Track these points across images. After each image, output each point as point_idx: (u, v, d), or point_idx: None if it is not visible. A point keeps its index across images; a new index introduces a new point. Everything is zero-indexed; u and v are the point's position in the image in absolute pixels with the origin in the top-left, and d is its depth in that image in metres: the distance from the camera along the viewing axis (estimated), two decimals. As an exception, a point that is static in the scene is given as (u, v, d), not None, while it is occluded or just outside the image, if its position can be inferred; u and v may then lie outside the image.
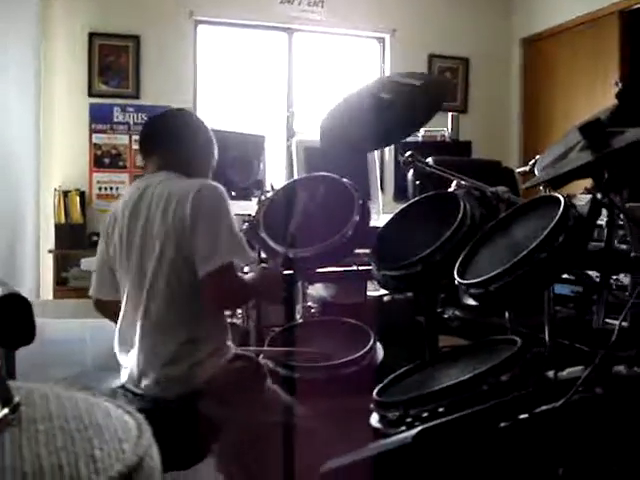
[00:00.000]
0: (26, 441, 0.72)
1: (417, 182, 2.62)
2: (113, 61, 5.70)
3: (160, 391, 1.94)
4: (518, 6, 6.68)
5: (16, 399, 0.79)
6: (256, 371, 2.11)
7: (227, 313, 2.53)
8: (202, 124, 2.23)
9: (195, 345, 1.97)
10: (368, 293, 3.36)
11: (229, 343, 2.09)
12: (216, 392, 1.95)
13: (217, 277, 1.91)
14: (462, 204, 2.11)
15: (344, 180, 2.47)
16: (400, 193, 4.53)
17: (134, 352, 2.01)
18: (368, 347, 2.27)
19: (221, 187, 2.03)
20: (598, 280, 1.96)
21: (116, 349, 2.09)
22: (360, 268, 2.71)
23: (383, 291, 3.15)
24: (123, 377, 2.05)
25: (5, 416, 0.76)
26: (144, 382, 1.97)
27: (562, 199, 1.75)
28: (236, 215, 2.07)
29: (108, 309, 2.22)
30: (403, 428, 1.59)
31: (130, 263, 2.04)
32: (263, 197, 2.70)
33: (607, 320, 1.88)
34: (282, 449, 1.96)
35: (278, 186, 2.71)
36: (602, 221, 2.02)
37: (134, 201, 2.07)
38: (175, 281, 1.97)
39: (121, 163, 5.68)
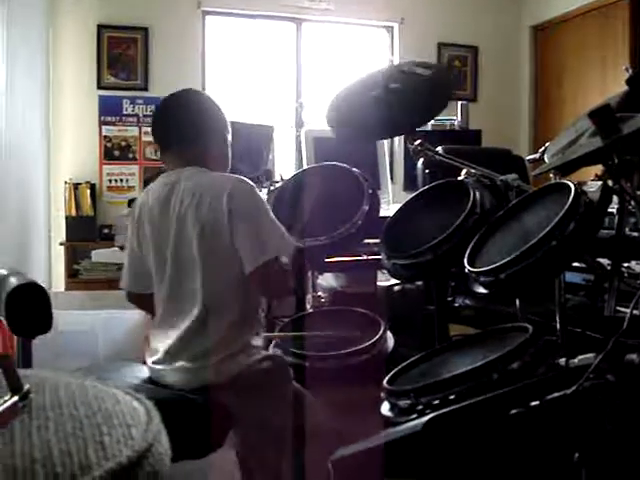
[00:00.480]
0: (36, 428, 0.73)
1: (427, 171, 2.63)
2: (122, 53, 5.70)
3: (187, 383, 1.95)
4: (527, -7, 6.64)
5: (26, 387, 0.79)
6: (283, 373, 2.10)
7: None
8: (215, 105, 2.19)
9: (226, 340, 1.97)
10: (378, 282, 3.37)
11: (259, 341, 2.09)
12: (240, 388, 1.95)
13: (265, 271, 1.93)
14: (472, 192, 2.11)
15: (354, 170, 2.46)
16: (410, 182, 4.53)
17: (166, 344, 2.02)
18: (378, 336, 2.28)
19: (251, 182, 2.05)
20: (609, 268, 1.95)
21: (150, 340, 2.09)
22: (370, 257, 2.71)
23: (393, 280, 3.15)
24: (148, 360, 2.06)
25: (15, 403, 0.77)
26: (172, 374, 1.98)
27: (572, 186, 1.74)
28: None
29: (142, 301, 2.24)
30: (414, 416, 1.59)
31: (164, 259, 2.05)
32: (272, 187, 2.71)
33: (618, 308, 1.88)
34: (301, 450, 1.98)
35: (287, 176, 2.71)
36: (613, 208, 2.01)
37: (164, 197, 2.06)
38: (210, 277, 1.98)
39: (131, 155, 5.69)
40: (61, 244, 5.24)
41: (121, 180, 5.67)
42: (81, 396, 0.82)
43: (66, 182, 5.37)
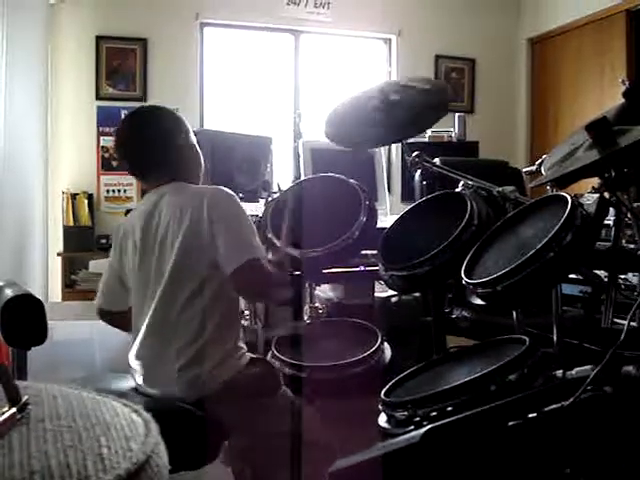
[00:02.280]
0: (34, 439, 0.73)
1: (424, 182, 2.63)
2: (120, 64, 5.72)
3: (177, 393, 1.95)
4: (524, 6, 6.67)
5: (24, 398, 0.79)
6: (272, 377, 2.12)
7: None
8: (169, 115, 2.19)
9: (212, 347, 1.98)
10: (375, 294, 3.36)
11: (242, 344, 2.10)
12: (232, 396, 1.95)
13: (247, 271, 1.95)
14: (469, 204, 2.11)
15: (351, 181, 2.47)
16: (407, 194, 4.54)
17: (150, 352, 2.02)
18: (375, 347, 2.27)
19: (230, 191, 2.07)
20: (606, 280, 1.95)
21: (131, 353, 2.09)
22: (367, 269, 2.71)
23: (390, 291, 3.15)
24: (137, 379, 2.06)
25: (13, 415, 0.77)
26: (160, 384, 1.98)
27: (569, 198, 1.75)
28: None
29: (114, 319, 2.26)
30: (411, 428, 1.59)
31: (146, 270, 2.06)
32: (270, 198, 2.71)
33: (615, 320, 1.88)
34: (292, 455, 1.97)
35: (285, 187, 2.71)
36: (610, 220, 2.01)
37: (148, 212, 2.09)
38: (192, 285, 1.99)
39: (129, 166, 5.69)
40: (58, 254, 5.24)
41: (119, 190, 5.68)
42: (79, 408, 0.82)
43: (64, 192, 5.37)
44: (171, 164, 2.14)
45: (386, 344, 2.37)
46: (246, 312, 3.02)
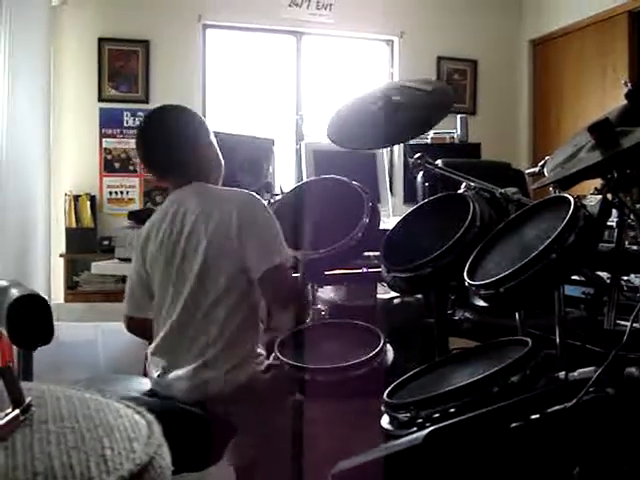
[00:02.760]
0: (37, 441, 0.73)
1: (426, 184, 2.63)
2: (122, 66, 5.73)
3: (193, 395, 1.95)
4: (526, 8, 6.67)
5: (28, 400, 0.80)
6: (289, 381, 2.12)
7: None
8: (190, 114, 2.21)
9: (230, 350, 1.99)
10: (378, 295, 3.36)
11: (261, 350, 2.11)
12: (247, 397, 1.96)
13: (275, 274, 1.98)
14: (472, 205, 2.11)
15: (353, 182, 2.47)
16: (410, 195, 4.54)
17: (170, 353, 2.02)
18: (378, 349, 2.27)
19: (259, 197, 2.11)
20: (609, 281, 1.95)
21: (152, 350, 2.09)
22: (370, 270, 2.70)
23: (393, 293, 3.15)
24: (153, 372, 2.06)
25: (17, 416, 0.77)
26: (177, 386, 1.98)
27: (572, 200, 1.75)
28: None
29: (141, 327, 2.25)
30: (414, 429, 1.59)
31: (170, 273, 2.07)
32: (272, 200, 2.71)
33: (618, 321, 1.88)
34: (299, 461, 1.98)
35: (287, 189, 2.71)
36: (612, 222, 2.01)
37: (172, 214, 2.10)
38: (218, 288, 2.00)
39: (131, 167, 5.70)
40: (61, 256, 5.25)
41: (121, 192, 5.69)
42: (83, 409, 0.82)
43: (66, 194, 5.38)
44: (193, 164, 2.14)
45: (388, 346, 2.36)
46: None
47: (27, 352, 1.93)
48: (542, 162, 2.26)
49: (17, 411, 0.78)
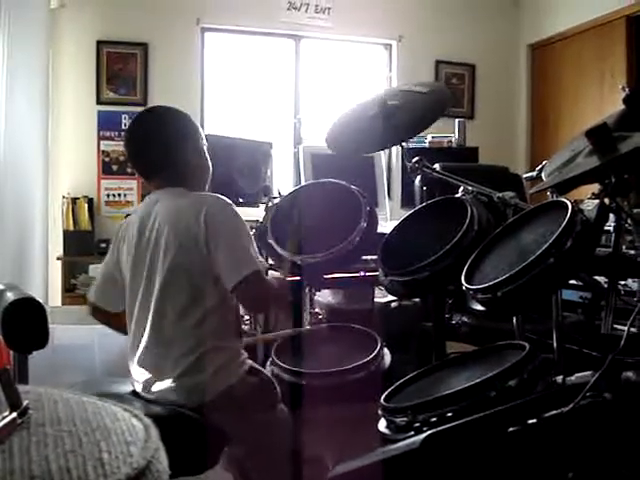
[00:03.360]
0: (35, 444, 0.73)
1: (424, 188, 2.63)
2: (121, 69, 5.73)
3: (177, 399, 1.94)
4: (525, 12, 6.69)
5: (25, 403, 0.79)
6: (271, 392, 2.12)
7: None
8: (183, 118, 2.19)
9: (212, 354, 1.97)
10: (375, 299, 3.36)
11: (242, 350, 2.10)
12: (232, 403, 1.95)
13: (247, 285, 1.94)
14: (469, 210, 2.11)
15: (351, 186, 2.47)
16: (407, 199, 4.53)
17: (147, 361, 2.01)
18: (375, 353, 2.27)
19: (229, 200, 2.06)
20: (606, 285, 1.95)
21: (131, 361, 2.09)
22: (367, 274, 2.71)
23: (390, 297, 3.15)
24: (136, 385, 2.05)
25: (14, 420, 0.77)
26: (158, 390, 1.98)
27: (569, 204, 1.75)
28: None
29: (103, 317, 2.25)
30: (411, 433, 1.59)
31: (139, 274, 2.05)
32: (270, 203, 2.71)
33: (615, 325, 1.88)
34: (295, 466, 1.98)
35: (285, 192, 2.71)
36: (610, 226, 2.01)
37: (143, 216, 2.09)
38: (183, 297, 1.98)
39: (129, 170, 5.69)
40: (58, 258, 5.24)
41: (119, 195, 5.68)
42: (80, 413, 0.82)
43: (64, 196, 5.38)
44: (176, 167, 2.12)
45: (386, 350, 2.36)
46: (246, 317, 3.02)
47: (23, 355, 1.93)
48: (540, 166, 2.26)
49: (14, 414, 0.77)
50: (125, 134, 2.25)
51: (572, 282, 2.23)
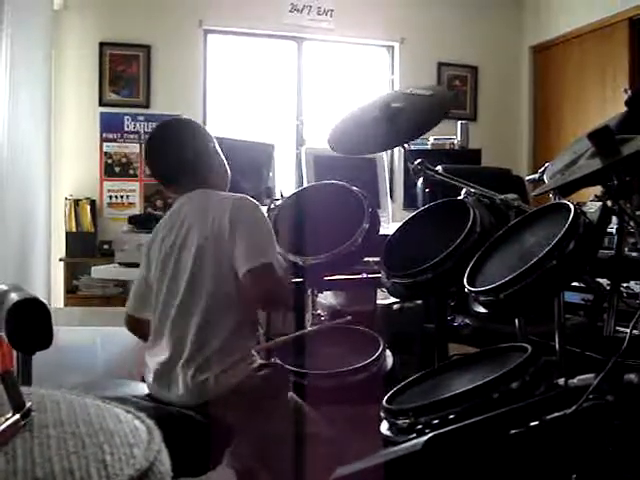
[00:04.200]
0: (38, 446, 0.73)
1: (426, 190, 2.63)
2: (123, 70, 5.74)
3: (189, 399, 1.95)
4: (527, 14, 6.69)
5: (28, 404, 0.80)
6: (282, 379, 2.12)
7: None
8: (195, 126, 2.28)
9: (224, 353, 1.98)
10: (378, 301, 3.36)
11: (254, 352, 2.10)
12: (240, 399, 1.96)
13: (259, 274, 1.95)
14: (472, 212, 2.11)
15: (354, 188, 2.47)
16: (410, 201, 4.54)
17: (165, 361, 2.02)
18: (377, 354, 2.27)
19: (254, 200, 2.11)
20: (608, 288, 1.95)
21: (146, 358, 2.09)
22: (370, 276, 2.71)
23: (393, 299, 3.15)
24: (149, 386, 2.06)
25: (17, 421, 0.77)
26: (173, 390, 1.98)
27: (572, 206, 1.75)
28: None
29: (140, 328, 2.24)
30: (413, 435, 1.59)
31: (166, 273, 2.08)
32: (273, 205, 2.72)
33: (618, 328, 1.88)
34: (299, 459, 1.97)
35: (288, 194, 2.72)
36: (612, 228, 2.01)
37: (172, 217, 2.14)
38: (209, 290, 2.00)
39: (132, 172, 5.71)
40: (61, 260, 5.25)
41: (121, 197, 5.69)
42: (83, 414, 0.82)
43: (67, 198, 5.39)
44: (201, 172, 2.18)
45: (388, 351, 2.36)
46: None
47: (26, 356, 1.93)
48: (542, 169, 2.26)
49: (17, 416, 0.77)
50: (145, 145, 2.33)
51: (575, 284, 2.23)
